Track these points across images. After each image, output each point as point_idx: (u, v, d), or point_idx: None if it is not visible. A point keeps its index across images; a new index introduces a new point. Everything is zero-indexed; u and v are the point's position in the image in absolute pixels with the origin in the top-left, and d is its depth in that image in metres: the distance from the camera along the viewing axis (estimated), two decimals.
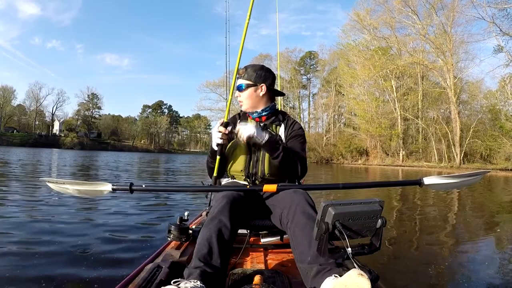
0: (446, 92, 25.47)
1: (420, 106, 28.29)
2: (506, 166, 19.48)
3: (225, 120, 1.34)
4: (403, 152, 28.32)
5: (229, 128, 1.31)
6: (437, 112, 27.33)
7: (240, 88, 1.44)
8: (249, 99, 1.44)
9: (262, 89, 1.43)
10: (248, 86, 1.43)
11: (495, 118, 24.08)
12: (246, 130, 1.25)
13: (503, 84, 22.98)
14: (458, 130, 24.31)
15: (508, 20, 20.63)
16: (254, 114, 1.46)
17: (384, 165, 26.94)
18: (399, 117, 28.76)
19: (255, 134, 1.25)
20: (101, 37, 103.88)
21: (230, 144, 1.38)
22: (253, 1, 1.49)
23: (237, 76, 1.45)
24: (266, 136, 1.27)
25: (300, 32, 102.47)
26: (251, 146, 1.36)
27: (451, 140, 24.96)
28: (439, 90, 26.59)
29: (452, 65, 24.98)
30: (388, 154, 29.58)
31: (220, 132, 1.30)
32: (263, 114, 1.45)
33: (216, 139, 1.31)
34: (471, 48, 25.86)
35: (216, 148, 1.35)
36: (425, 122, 27.72)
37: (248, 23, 1.51)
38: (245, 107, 1.46)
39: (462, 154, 24.05)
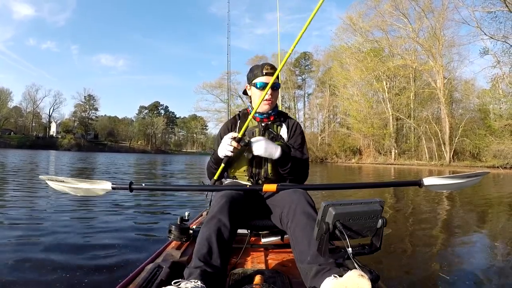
0: (436, 93, 25.91)
1: (412, 106, 28.70)
2: (493, 164, 19.90)
3: (239, 136, 1.28)
4: (395, 150, 28.73)
5: (242, 144, 1.28)
6: (430, 111, 27.76)
7: (277, 87, 1.43)
8: (276, 100, 1.46)
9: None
10: (279, 86, 1.46)
11: (484, 117, 24.58)
12: (256, 148, 1.27)
13: (494, 83, 23.51)
14: (447, 129, 24.80)
15: (496, 22, 21.12)
16: (265, 115, 1.44)
17: (377, 164, 27.28)
18: (391, 117, 29.14)
19: (265, 152, 1.27)
20: (96, 38, 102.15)
21: None
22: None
23: (267, 72, 1.39)
24: (278, 152, 1.28)
25: (295, 31, 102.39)
26: None
27: (441, 139, 25.41)
28: (429, 90, 27.03)
29: (442, 66, 25.43)
30: (380, 153, 29.96)
31: (232, 146, 1.27)
32: (272, 114, 1.46)
33: (227, 151, 1.28)
34: (462, 49, 26.35)
35: (222, 157, 1.33)
36: (416, 121, 28.15)
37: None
38: (272, 107, 1.44)
39: (452, 152, 24.53)
